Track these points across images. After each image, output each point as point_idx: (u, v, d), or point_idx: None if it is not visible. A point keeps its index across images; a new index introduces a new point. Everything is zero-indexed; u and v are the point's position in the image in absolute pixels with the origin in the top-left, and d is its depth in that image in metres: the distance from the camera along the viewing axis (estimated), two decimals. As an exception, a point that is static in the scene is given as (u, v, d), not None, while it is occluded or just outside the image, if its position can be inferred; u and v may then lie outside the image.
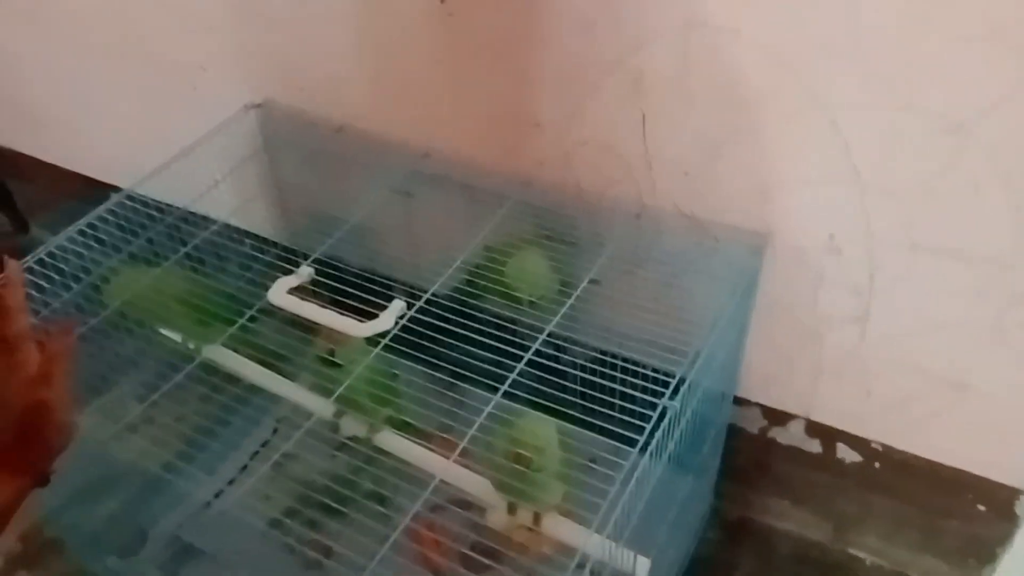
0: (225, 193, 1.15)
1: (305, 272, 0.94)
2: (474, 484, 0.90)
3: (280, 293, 0.91)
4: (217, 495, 1.23)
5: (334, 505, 0.91)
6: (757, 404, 1.13)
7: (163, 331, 1.07)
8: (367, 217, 1.09)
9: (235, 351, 1.05)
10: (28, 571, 1.27)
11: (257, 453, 1.30)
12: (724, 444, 1.16)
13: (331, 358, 0.90)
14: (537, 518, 0.88)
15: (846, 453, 1.10)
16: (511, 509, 0.90)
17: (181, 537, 1.22)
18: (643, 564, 0.85)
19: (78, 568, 1.25)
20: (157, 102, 1.35)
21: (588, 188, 1.04)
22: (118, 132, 1.45)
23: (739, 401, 1.13)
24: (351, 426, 0.99)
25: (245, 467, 1.29)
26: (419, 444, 0.97)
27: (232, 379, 1.06)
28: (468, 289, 1.07)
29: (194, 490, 1.20)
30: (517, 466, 0.80)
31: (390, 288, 0.99)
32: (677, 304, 1.01)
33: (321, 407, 0.99)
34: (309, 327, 0.95)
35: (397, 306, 0.88)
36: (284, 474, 1.22)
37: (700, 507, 1.21)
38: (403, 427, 1.00)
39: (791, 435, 1.13)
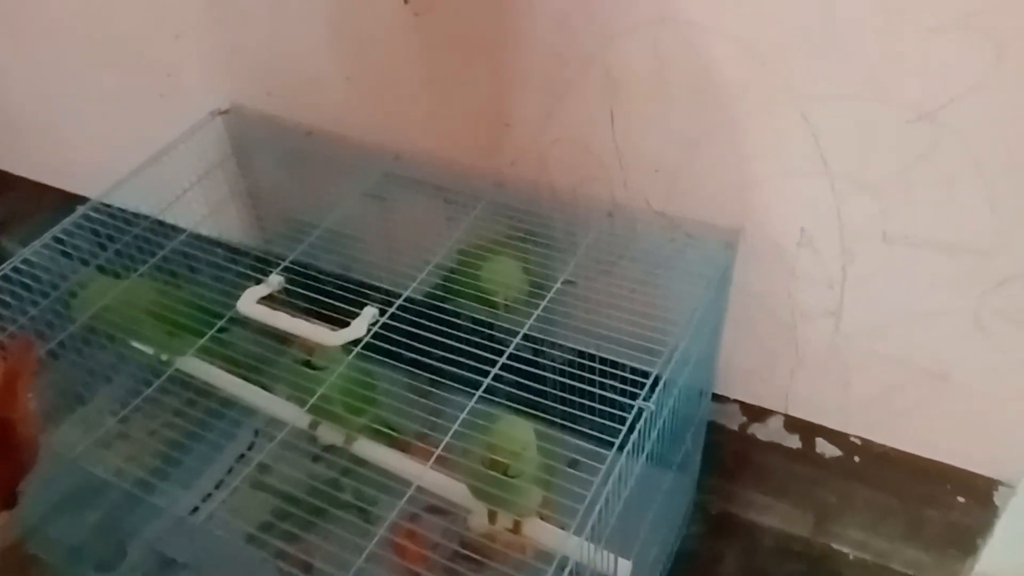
0: (195, 201, 1.13)
1: (275, 281, 0.93)
2: (452, 490, 0.89)
3: (249, 303, 0.90)
4: (194, 510, 1.22)
5: (311, 518, 0.90)
6: (736, 401, 1.12)
7: (135, 344, 1.05)
8: (339, 222, 1.08)
9: (209, 362, 1.04)
10: (5, 589, 1.24)
11: (233, 467, 1.28)
12: (705, 440, 1.15)
13: (310, 361, 0.89)
14: (517, 524, 0.87)
15: (825, 448, 1.10)
16: (491, 516, 0.89)
17: (161, 551, 1.20)
18: (624, 567, 0.85)
19: (57, 583, 1.23)
20: (127, 110, 1.34)
21: (562, 187, 1.03)
22: (90, 143, 1.43)
23: (718, 398, 1.13)
24: (328, 435, 0.98)
25: (222, 481, 1.27)
26: (396, 452, 0.96)
27: (207, 392, 1.05)
28: (442, 294, 1.06)
29: (172, 504, 1.18)
30: (494, 473, 0.79)
31: (364, 295, 0.98)
32: (652, 302, 1.00)
33: (296, 417, 0.97)
34: (282, 336, 0.93)
35: (369, 313, 0.87)
36: (262, 486, 1.20)
37: (683, 502, 1.20)
38: (380, 435, 0.99)
39: (770, 431, 1.12)
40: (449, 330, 0.89)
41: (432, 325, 0.92)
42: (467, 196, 1.06)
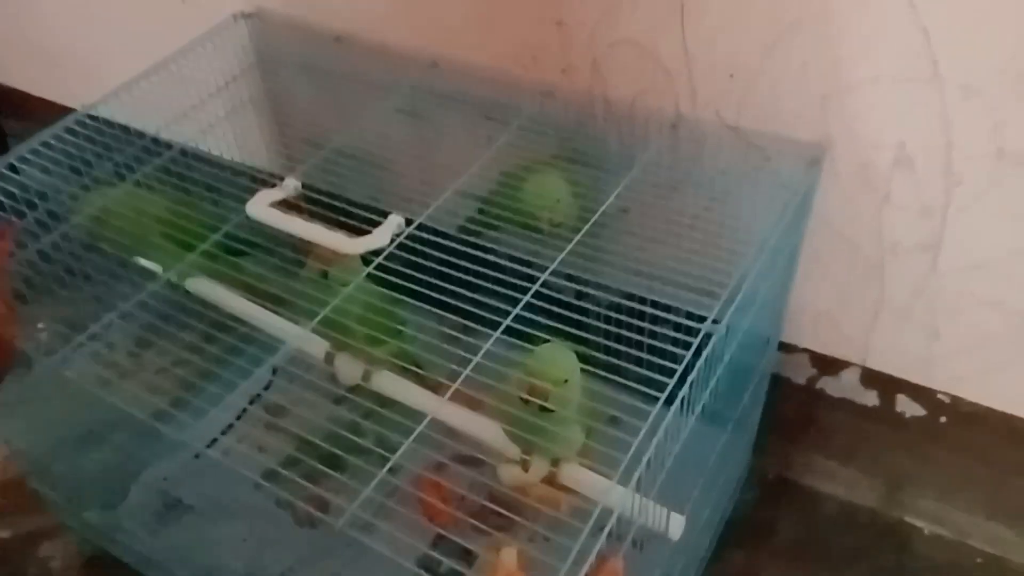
0: (210, 114, 1.03)
1: (291, 185, 0.82)
2: (482, 428, 0.78)
3: (261, 206, 0.80)
4: (209, 444, 1.13)
5: (325, 466, 0.80)
6: (805, 350, 1.00)
7: (140, 260, 0.95)
8: (369, 142, 0.97)
9: (219, 284, 0.94)
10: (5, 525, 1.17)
11: (247, 409, 1.19)
12: (766, 396, 1.04)
13: (327, 275, 0.78)
14: (554, 469, 0.76)
15: (907, 406, 0.97)
16: (524, 461, 0.78)
17: (166, 491, 1.12)
18: (677, 521, 0.74)
19: (58, 522, 1.15)
20: (146, 19, 1.24)
21: (619, 99, 0.91)
22: (108, 57, 1.34)
23: (785, 347, 1.01)
24: (346, 368, 0.88)
25: (233, 423, 1.18)
26: (420, 387, 0.85)
27: (221, 324, 0.95)
28: (480, 218, 0.95)
29: (180, 443, 1.10)
30: (532, 400, 0.68)
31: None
32: (717, 232, 0.88)
33: (311, 344, 0.87)
34: (300, 251, 0.83)
35: (394, 222, 0.77)
36: (276, 429, 1.11)
37: (737, 465, 1.09)
38: (404, 372, 0.88)
39: (843, 386, 1.00)
40: (482, 268, 0.77)
41: (462, 261, 0.80)
42: (511, 110, 0.94)
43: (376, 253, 0.76)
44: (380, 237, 0.76)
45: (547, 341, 0.74)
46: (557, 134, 0.92)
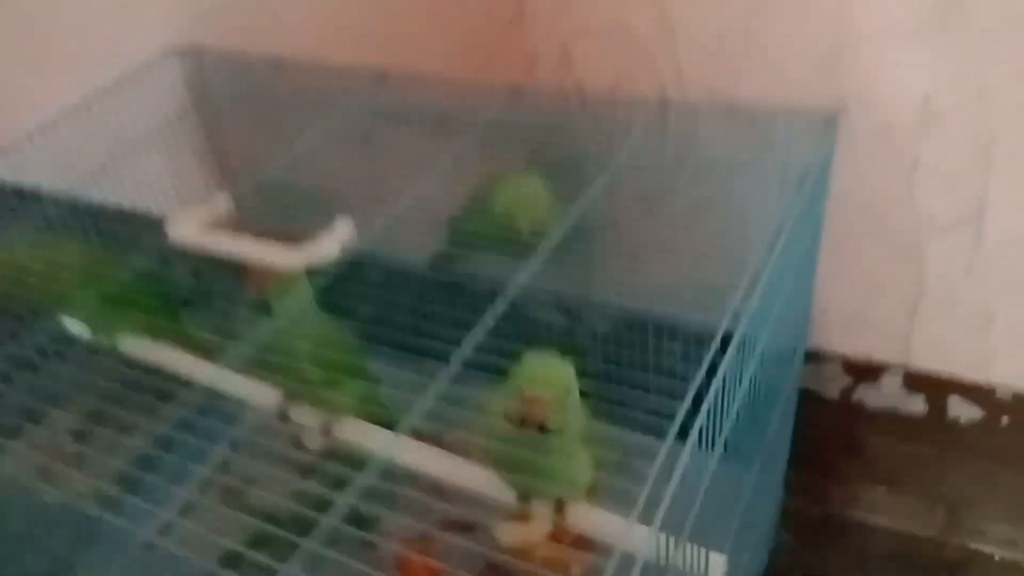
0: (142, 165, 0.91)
1: (221, 201, 0.70)
2: (469, 476, 0.64)
3: (185, 225, 0.67)
4: (157, 537, 0.98)
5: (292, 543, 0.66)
6: (837, 356, 0.87)
7: (67, 319, 0.82)
8: (316, 170, 0.86)
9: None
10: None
11: (204, 489, 1.04)
12: (795, 416, 0.90)
13: (267, 304, 0.65)
14: (560, 507, 0.62)
15: (961, 409, 0.84)
16: (523, 502, 0.64)
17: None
18: (718, 562, 0.60)
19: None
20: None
21: (594, 89, 0.80)
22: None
23: (813, 357, 0.88)
24: (304, 418, 0.74)
25: (191, 504, 1.03)
26: (387, 432, 0.72)
27: (169, 394, 0.81)
28: (452, 242, 0.83)
29: (129, 534, 0.95)
30: (527, 423, 0.55)
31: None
32: (720, 229, 0.77)
33: (262, 397, 0.74)
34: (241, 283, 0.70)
35: (343, 228, 0.64)
36: (240, 505, 0.96)
37: (769, 506, 0.95)
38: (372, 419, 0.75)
39: (884, 393, 0.87)
40: (450, 295, 0.64)
41: (428, 289, 0.67)
42: (472, 117, 0.83)
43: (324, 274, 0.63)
44: (327, 246, 0.63)
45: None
46: (528, 137, 0.81)
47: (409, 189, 0.76)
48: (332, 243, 0.63)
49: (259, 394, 0.74)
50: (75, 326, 0.82)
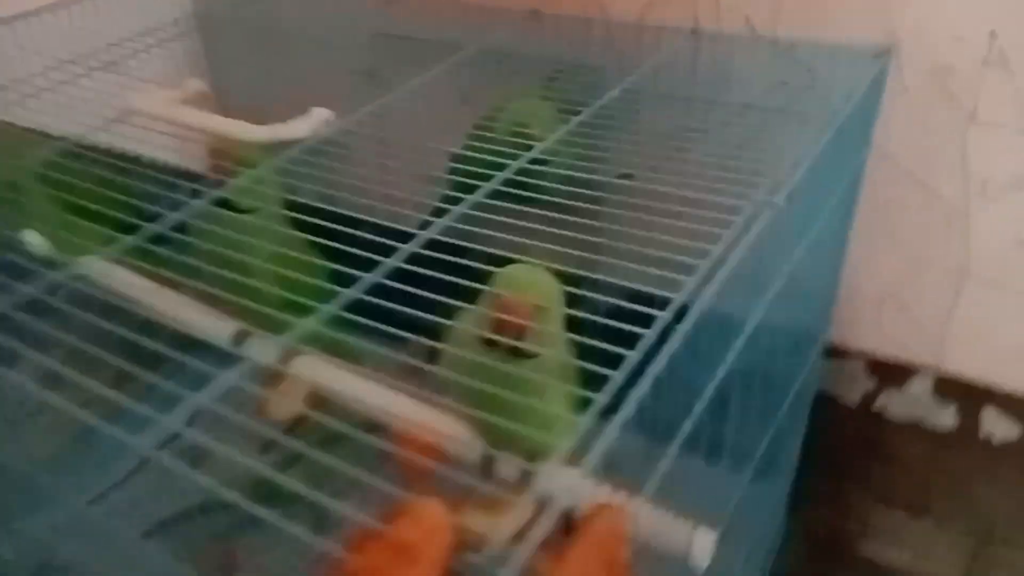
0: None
1: (192, 85, 0.62)
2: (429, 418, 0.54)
3: (152, 99, 0.59)
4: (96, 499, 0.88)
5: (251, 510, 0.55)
6: (861, 354, 0.78)
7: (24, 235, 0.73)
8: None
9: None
10: None
11: (152, 456, 0.94)
12: (808, 422, 0.80)
13: (228, 201, 0.56)
14: (531, 466, 0.50)
15: (996, 425, 0.74)
16: (485, 461, 0.53)
17: (51, 545, 0.86)
18: (704, 540, 0.49)
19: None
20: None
21: (621, 16, 0.73)
22: None
23: (832, 352, 0.78)
24: (260, 350, 0.64)
25: (134, 470, 0.93)
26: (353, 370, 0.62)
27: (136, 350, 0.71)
28: (452, 183, 0.75)
29: (68, 495, 0.85)
30: (500, 340, 0.46)
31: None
32: (746, 180, 0.69)
33: (216, 328, 0.64)
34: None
35: (319, 115, 0.56)
36: (183, 478, 0.86)
37: (765, 521, 0.84)
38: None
39: (910, 400, 0.77)
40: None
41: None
42: (484, 47, 0.76)
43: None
44: (296, 126, 0.55)
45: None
46: (542, 66, 0.74)
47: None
48: (302, 124, 0.55)
49: (208, 322, 0.64)
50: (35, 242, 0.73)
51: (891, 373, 0.77)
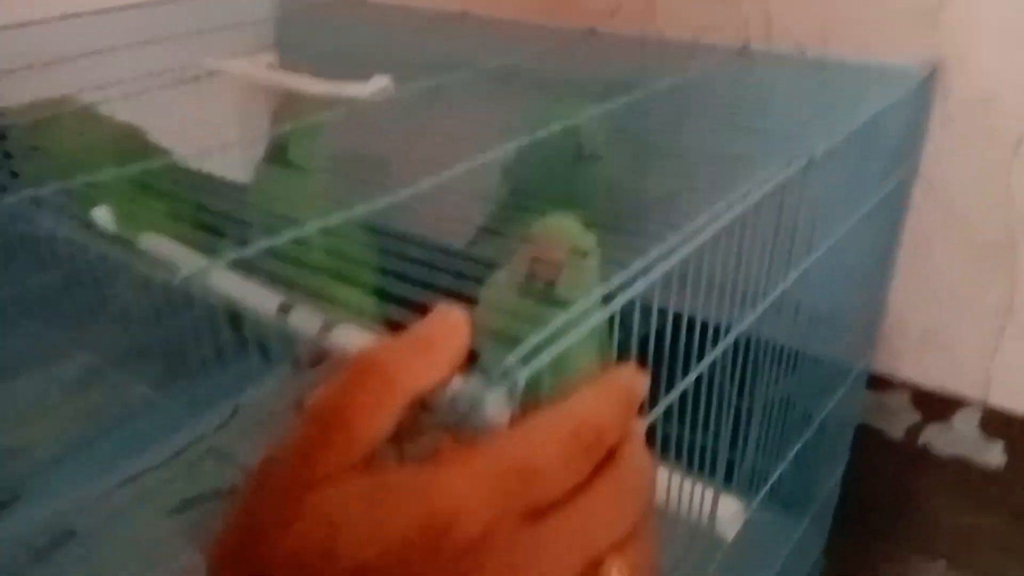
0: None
1: (267, 55, 0.66)
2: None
3: (232, 61, 0.64)
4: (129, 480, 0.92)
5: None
6: (905, 385, 0.76)
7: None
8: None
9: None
10: None
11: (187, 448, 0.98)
12: (848, 458, 0.79)
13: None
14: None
15: (1045, 464, 0.72)
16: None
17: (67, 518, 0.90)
18: (730, 508, 0.49)
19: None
20: None
21: (676, 36, 0.76)
22: None
23: (876, 382, 0.77)
24: (302, 321, 0.67)
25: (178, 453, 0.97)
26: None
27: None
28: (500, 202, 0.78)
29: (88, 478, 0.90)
30: (535, 280, 0.48)
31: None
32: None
33: (262, 298, 0.67)
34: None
35: (380, 80, 0.60)
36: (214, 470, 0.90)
37: (797, 559, 0.81)
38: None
39: (957, 437, 0.75)
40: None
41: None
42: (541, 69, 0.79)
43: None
44: (358, 87, 0.59)
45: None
46: (597, 84, 0.76)
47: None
48: (364, 86, 0.59)
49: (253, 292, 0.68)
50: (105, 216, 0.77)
51: (936, 406, 0.75)
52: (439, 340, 0.24)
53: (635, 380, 0.24)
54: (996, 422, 0.72)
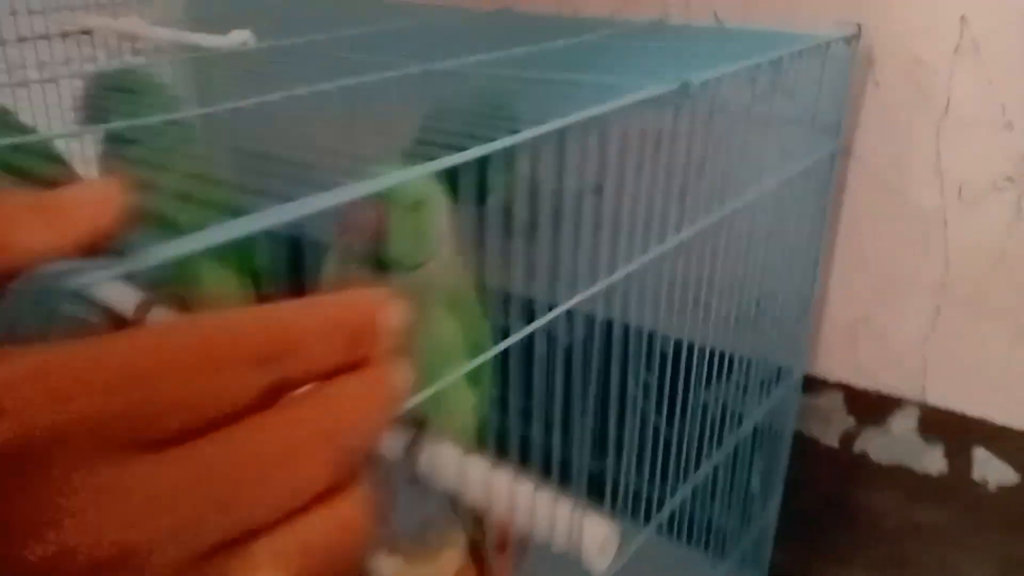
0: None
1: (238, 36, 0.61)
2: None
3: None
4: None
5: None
6: (838, 385, 0.71)
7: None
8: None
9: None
10: None
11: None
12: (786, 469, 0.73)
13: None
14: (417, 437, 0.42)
15: (989, 468, 0.66)
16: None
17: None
18: (598, 532, 0.41)
19: None
20: None
21: (593, 14, 0.72)
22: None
23: (807, 383, 0.72)
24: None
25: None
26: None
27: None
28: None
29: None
30: (355, 246, 0.42)
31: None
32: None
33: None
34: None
35: (240, 35, 0.55)
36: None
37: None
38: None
39: (893, 441, 0.70)
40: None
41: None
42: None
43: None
44: (217, 40, 0.54)
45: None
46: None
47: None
48: (224, 38, 0.55)
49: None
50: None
51: (871, 407, 0.70)
52: (70, 206, 0.19)
53: (379, 302, 0.19)
54: (936, 422, 0.67)
